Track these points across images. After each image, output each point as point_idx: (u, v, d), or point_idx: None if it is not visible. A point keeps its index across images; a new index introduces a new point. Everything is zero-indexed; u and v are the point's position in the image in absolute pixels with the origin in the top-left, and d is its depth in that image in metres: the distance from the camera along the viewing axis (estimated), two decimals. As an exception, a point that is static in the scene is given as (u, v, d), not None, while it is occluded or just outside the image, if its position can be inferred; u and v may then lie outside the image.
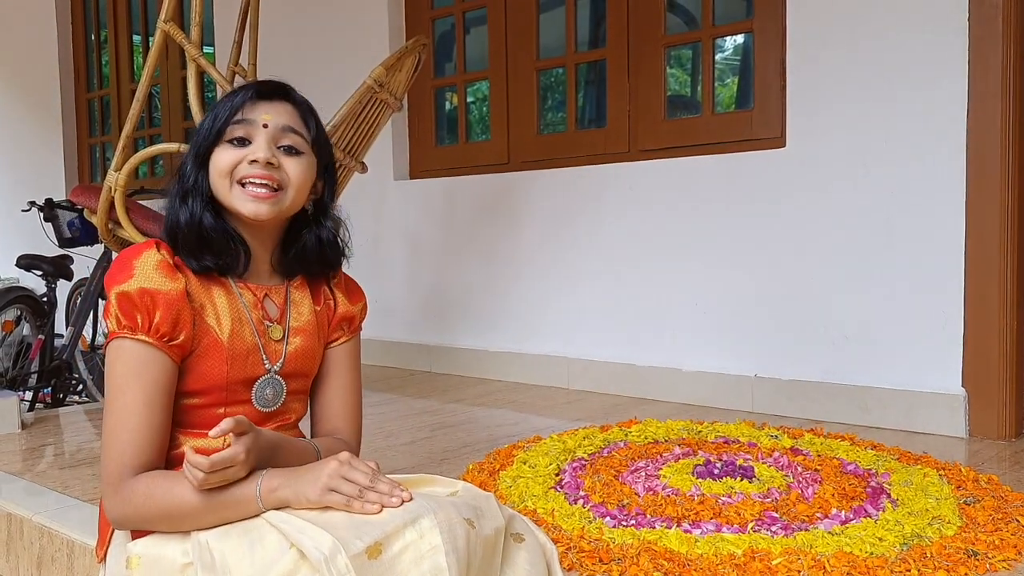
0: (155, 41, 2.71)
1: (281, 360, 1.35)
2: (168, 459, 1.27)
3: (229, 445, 1.12)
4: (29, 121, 6.15)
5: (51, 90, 5.96)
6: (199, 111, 2.59)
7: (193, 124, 2.62)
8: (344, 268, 1.49)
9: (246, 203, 1.26)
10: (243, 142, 1.27)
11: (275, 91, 1.32)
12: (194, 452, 1.11)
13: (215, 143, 1.28)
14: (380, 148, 3.24)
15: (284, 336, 1.35)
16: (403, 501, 1.10)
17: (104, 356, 1.27)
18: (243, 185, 1.26)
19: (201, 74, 2.67)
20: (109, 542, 1.30)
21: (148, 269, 1.22)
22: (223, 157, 1.27)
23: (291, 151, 1.29)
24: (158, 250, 1.25)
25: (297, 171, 1.29)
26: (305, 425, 1.48)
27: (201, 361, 1.27)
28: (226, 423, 1.12)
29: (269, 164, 1.26)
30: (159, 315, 1.21)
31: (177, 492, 1.16)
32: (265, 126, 1.27)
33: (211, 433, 1.12)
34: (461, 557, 1.06)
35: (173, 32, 2.64)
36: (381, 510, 1.09)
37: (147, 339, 1.20)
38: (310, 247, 1.38)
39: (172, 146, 2.65)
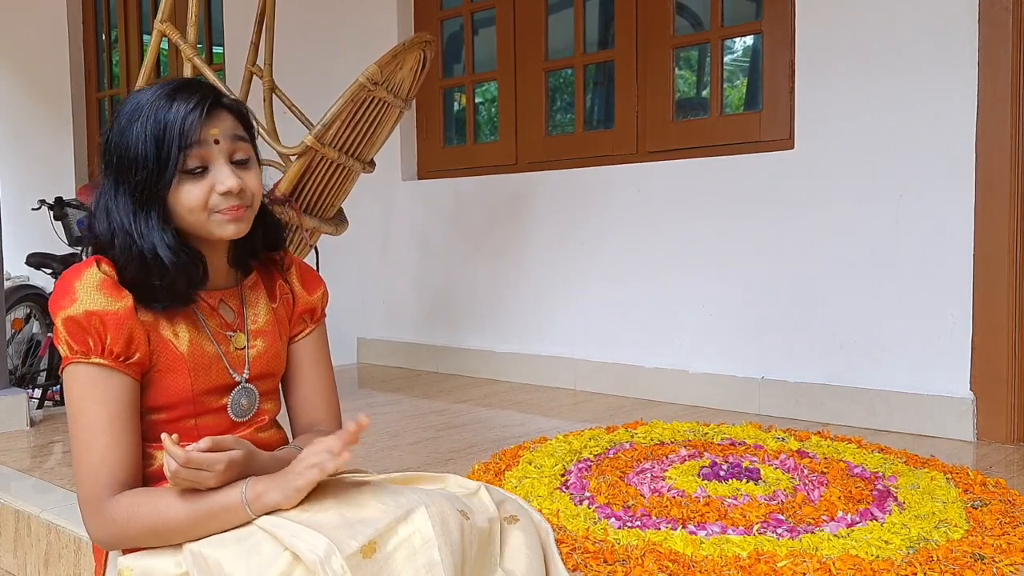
0: (151, 42, 2.73)
1: (246, 368, 1.32)
2: (145, 476, 1.24)
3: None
4: (40, 120, 6.18)
5: (62, 89, 5.99)
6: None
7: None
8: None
9: (227, 227, 1.22)
10: (198, 170, 1.20)
11: (210, 100, 1.22)
12: (174, 442, 1.09)
13: (171, 179, 1.18)
14: (388, 148, 3.25)
15: (246, 343, 1.32)
16: (360, 426, 1.11)
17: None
18: (219, 212, 1.22)
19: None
20: (106, 566, 1.29)
21: (91, 290, 1.18)
22: (190, 195, 1.19)
23: (244, 164, 1.24)
24: (99, 267, 1.20)
25: (256, 181, 1.25)
26: (283, 419, 1.47)
27: (163, 376, 1.23)
28: (227, 441, 1.13)
29: (241, 190, 1.21)
30: (110, 337, 1.17)
31: (162, 507, 1.14)
32: (216, 142, 1.20)
33: (200, 445, 1.11)
34: (455, 549, 1.06)
35: (169, 32, 2.66)
36: (349, 453, 1.09)
37: (102, 361, 1.17)
38: (255, 234, 1.32)
39: None
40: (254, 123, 1.31)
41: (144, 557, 1.18)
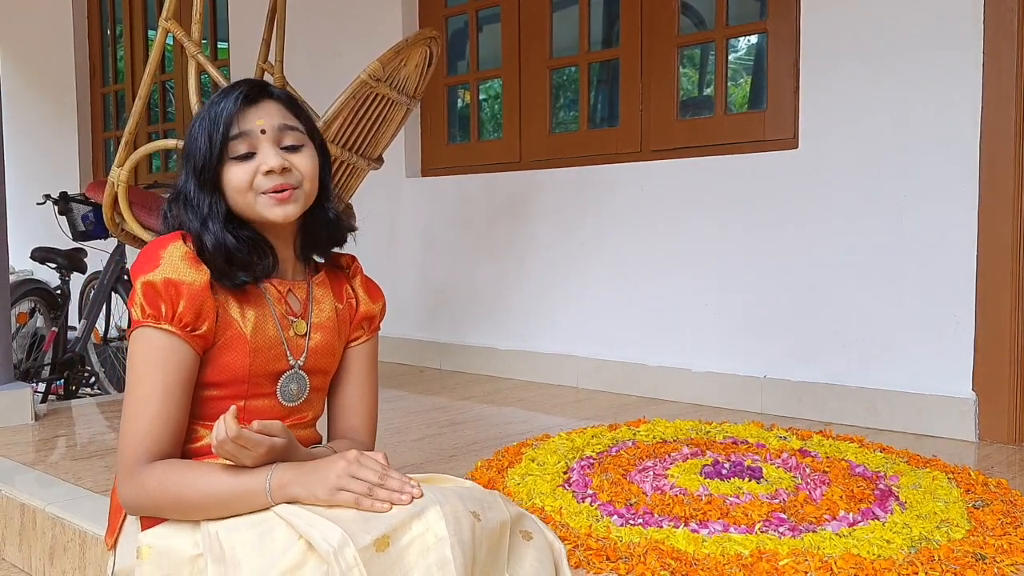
0: (156, 39, 2.73)
1: (303, 355, 1.36)
2: (185, 452, 1.28)
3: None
4: (45, 115, 6.19)
5: (67, 85, 6.00)
6: (199, 107, 2.60)
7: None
8: (352, 251, 1.49)
9: (273, 209, 1.28)
10: (247, 156, 1.28)
11: (259, 93, 1.31)
12: (234, 417, 1.12)
13: (219, 164, 1.28)
14: (391, 145, 3.26)
15: (307, 331, 1.37)
16: (413, 498, 1.11)
17: (115, 350, 1.28)
18: (265, 195, 1.28)
19: (201, 73, 2.67)
20: (119, 531, 1.32)
21: (175, 260, 1.24)
22: (236, 175, 1.28)
23: (295, 148, 1.31)
24: (185, 242, 1.27)
25: (306, 164, 1.31)
26: (321, 425, 1.49)
27: (223, 353, 1.28)
28: (275, 428, 1.15)
29: (284, 170, 1.28)
30: (183, 305, 1.22)
31: (189, 482, 1.18)
32: (263, 132, 1.28)
33: (252, 427, 1.13)
34: (467, 548, 1.07)
35: (174, 29, 2.66)
36: (391, 508, 1.10)
37: (170, 328, 1.22)
38: (320, 227, 1.39)
39: (171, 143, 2.68)
40: (309, 111, 1.37)
41: (163, 537, 1.21)
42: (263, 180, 1.27)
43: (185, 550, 1.18)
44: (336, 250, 1.46)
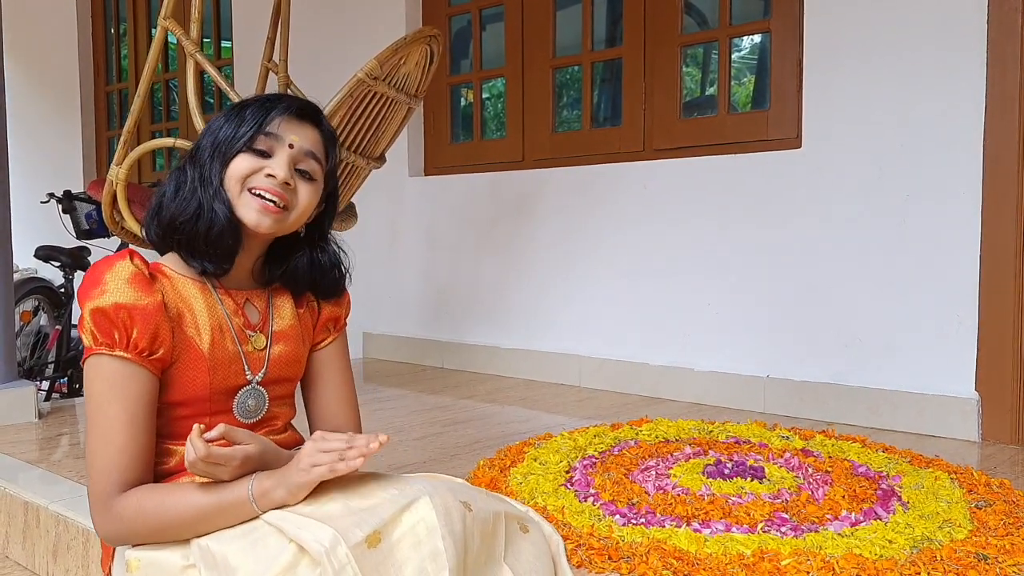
0: (155, 38, 2.73)
1: (263, 369, 1.33)
2: (157, 472, 1.26)
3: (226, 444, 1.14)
4: (48, 113, 6.20)
5: (71, 83, 6.00)
6: (197, 106, 2.61)
7: (208, 119, 2.61)
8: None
9: (251, 211, 1.25)
10: (264, 154, 1.27)
11: (308, 114, 1.31)
12: (201, 435, 1.10)
13: (240, 149, 1.26)
14: (395, 144, 3.27)
15: (267, 344, 1.34)
16: (381, 444, 1.11)
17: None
18: (252, 194, 1.26)
19: (202, 72, 2.67)
20: (113, 556, 1.30)
21: (120, 283, 1.19)
22: (241, 164, 1.26)
23: (306, 176, 1.29)
24: (131, 261, 1.22)
25: (306, 196, 1.29)
26: (301, 425, 1.48)
27: (182, 373, 1.25)
28: (239, 433, 1.15)
29: (285, 184, 1.26)
30: (136, 331, 1.19)
31: (169, 504, 1.16)
32: (291, 146, 1.27)
33: (212, 434, 1.12)
34: (458, 539, 1.07)
35: (172, 28, 2.66)
36: (363, 461, 1.10)
37: (125, 355, 1.18)
38: (301, 269, 1.37)
39: (168, 141, 2.68)
40: (339, 158, 1.38)
41: (151, 549, 1.20)
42: (260, 178, 1.25)
43: (174, 561, 1.17)
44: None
